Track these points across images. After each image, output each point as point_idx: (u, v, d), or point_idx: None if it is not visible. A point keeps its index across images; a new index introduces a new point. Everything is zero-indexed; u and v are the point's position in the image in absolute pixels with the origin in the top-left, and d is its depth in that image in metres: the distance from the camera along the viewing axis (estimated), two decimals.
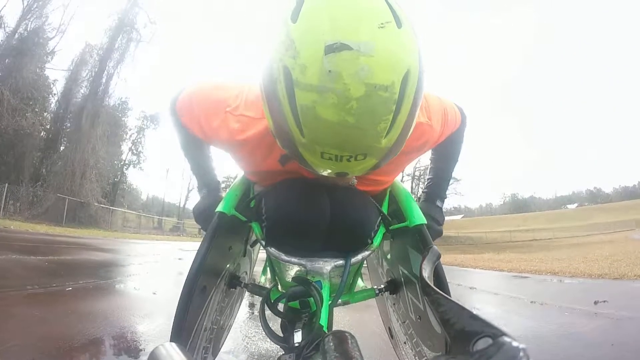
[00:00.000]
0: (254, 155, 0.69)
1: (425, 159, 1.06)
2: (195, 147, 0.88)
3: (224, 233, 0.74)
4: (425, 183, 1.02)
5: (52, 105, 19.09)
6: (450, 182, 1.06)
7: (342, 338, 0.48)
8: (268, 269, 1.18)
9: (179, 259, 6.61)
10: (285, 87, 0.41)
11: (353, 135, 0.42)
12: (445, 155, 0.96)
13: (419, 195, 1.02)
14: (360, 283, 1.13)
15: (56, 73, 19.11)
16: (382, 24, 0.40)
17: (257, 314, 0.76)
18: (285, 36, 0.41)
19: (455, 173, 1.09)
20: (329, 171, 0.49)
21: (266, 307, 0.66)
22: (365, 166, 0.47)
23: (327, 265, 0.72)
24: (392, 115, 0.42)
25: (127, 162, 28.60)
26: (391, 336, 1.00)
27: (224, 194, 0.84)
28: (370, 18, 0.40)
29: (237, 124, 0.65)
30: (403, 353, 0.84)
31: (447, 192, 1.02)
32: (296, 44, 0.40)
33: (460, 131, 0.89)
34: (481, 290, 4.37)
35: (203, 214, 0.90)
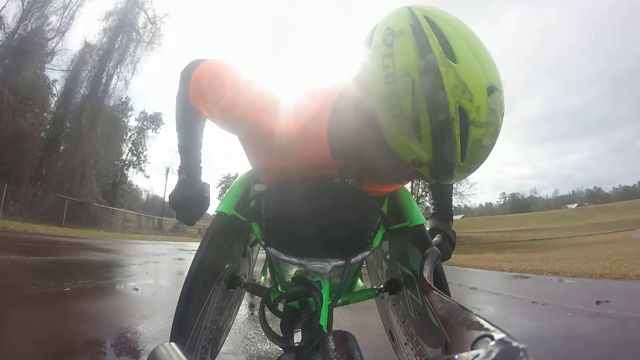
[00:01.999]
0: (263, 143, 0.66)
1: None
2: (192, 122, 0.81)
3: (223, 233, 0.73)
4: (431, 193, 1.02)
5: (52, 105, 19.09)
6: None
7: (342, 338, 0.48)
8: (268, 269, 1.17)
9: (179, 259, 6.61)
10: (460, 125, 0.47)
11: (487, 151, 0.52)
12: None
13: (418, 195, 1.01)
14: (360, 283, 1.13)
15: (56, 73, 19.06)
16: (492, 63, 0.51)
17: (257, 314, 0.76)
18: (455, 77, 0.46)
19: None
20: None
21: (266, 307, 0.66)
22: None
23: (327, 266, 0.71)
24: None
25: (127, 162, 28.61)
26: (392, 339, 1.00)
27: (203, 180, 0.81)
28: (490, 58, 0.50)
29: (263, 103, 0.63)
30: (404, 354, 0.84)
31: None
32: (469, 87, 0.47)
33: None
34: (482, 290, 4.37)
35: (176, 201, 0.80)
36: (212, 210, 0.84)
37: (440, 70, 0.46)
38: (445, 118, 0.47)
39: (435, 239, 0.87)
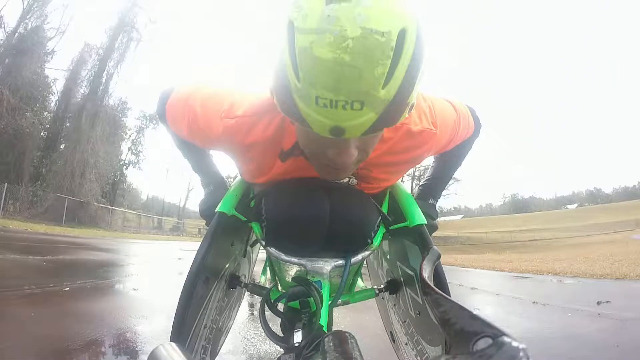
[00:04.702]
0: (257, 158, 0.69)
1: (426, 159, 1.06)
2: (192, 148, 0.87)
3: (224, 233, 0.74)
4: (422, 181, 1.02)
5: (52, 104, 19.14)
6: (450, 183, 1.06)
7: (342, 338, 0.48)
8: (268, 269, 1.17)
9: (179, 258, 6.61)
10: (287, 35, 0.43)
11: (348, 74, 0.41)
12: (449, 161, 0.95)
13: (415, 194, 1.01)
14: (360, 283, 1.13)
15: (56, 73, 19.16)
16: None
17: (257, 314, 0.76)
18: None
19: (455, 174, 1.09)
20: (326, 127, 0.46)
21: (266, 307, 0.66)
22: (364, 121, 0.45)
23: (327, 265, 0.71)
24: (390, 62, 0.42)
25: (126, 162, 28.58)
26: (393, 340, 1.00)
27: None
28: None
29: (238, 127, 0.64)
30: (405, 355, 0.84)
31: (447, 192, 1.01)
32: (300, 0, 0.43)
33: (469, 141, 0.88)
34: (482, 290, 4.37)
35: (210, 210, 0.85)
36: None
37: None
38: (275, 37, 0.46)
39: None
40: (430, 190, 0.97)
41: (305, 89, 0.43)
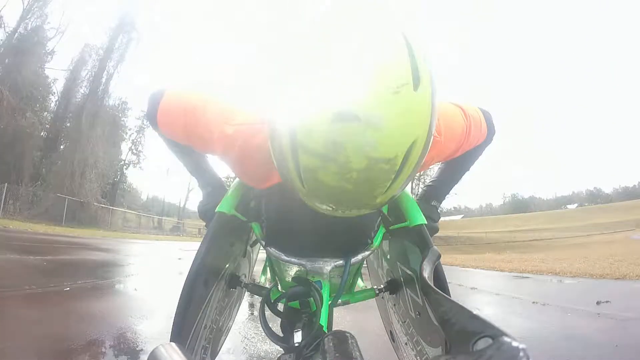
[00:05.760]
0: (255, 169, 0.67)
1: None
2: (187, 152, 0.84)
3: (224, 233, 0.73)
4: (427, 182, 1.00)
5: (52, 104, 19.16)
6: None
7: (342, 338, 0.48)
8: (268, 269, 1.17)
9: (179, 258, 6.61)
10: (291, 144, 0.41)
11: (350, 197, 0.44)
12: (457, 165, 0.92)
13: (419, 195, 1.01)
14: (360, 283, 1.13)
15: (56, 73, 19.12)
16: (397, 87, 0.37)
17: (257, 314, 0.76)
18: (294, 95, 0.40)
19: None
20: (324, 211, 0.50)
21: (266, 307, 0.66)
22: (361, 213, 0.50)
23: (327, 265, 0.71)
24: (390, 182, 0.42)
25: (126, 162, 28.58)
26: (392, 340, 1.00)
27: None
28: (386, 79, 0.37)
29: (237, 136, 0.62)
30: (405, 355, 0.84)
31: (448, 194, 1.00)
32: (305, 109, 0.39)
33: (480, 147, 0.86)
34: (482, 290, 4.37)
35: (210, 211, 0.84)
36: None
37: (283, 68, 0.42)
38: (274, 128, 0.43)
39: None
40: (433, 193, 0.95)
41: (308, 195, 0.46)
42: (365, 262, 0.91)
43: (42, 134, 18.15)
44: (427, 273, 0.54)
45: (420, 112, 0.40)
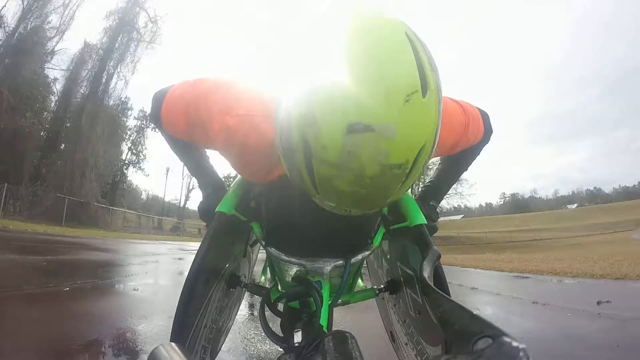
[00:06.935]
0: (257, 160, 0.67)
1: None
2: (189, 151, 0.84)
3: (224, 232, 0.73)
4: (425, 182, 1.01)
5: (52, 104, 19.14)
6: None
7: (342, 338, 0.48)
8: (268, 269, 1.17)
9: (179, 258, 6.61)
10: (304, 156, 0.42)
11: (363, 201, 0.46)
12: (454, 164, 0.93)
13: (417, 195, 1.00)
14: (360, 283, 1.13)
15: (56, 72, 19.12)
16: (408, 96, 0.38)
17: (257, 314, 0.76)
18: (307, 109, 0.40)
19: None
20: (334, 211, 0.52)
21: (266, 307, 0.66)
22: (371, 212, 0.53)
23: (327, 265, 0.71)
24: (400, 184, 0.45)
25: (126, 162, 28.58)
26: (393, 340, 0.99)
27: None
28: (397, 90, 0.38)
29: (239, 126, 0.62)
30: (405, 355, 0.84)
31: (448, 194, 1.00)
32: (318, 123, 0.39)
33: (478, 146, 0.86)
34: (482, 290, 4.37)
35: (210, 211, 0.84)
36: None
37: (296, 84, 0.43)
38: (288, 140, 0.44)
39: None
40: (432, 192, 0.95)
41: (322, 200, 0.48)
42: (365, 262, 0.91)
43: (42, 134, 18.14)
44: (427, 273, 0.54)
45: (428, 117, 0.41)
